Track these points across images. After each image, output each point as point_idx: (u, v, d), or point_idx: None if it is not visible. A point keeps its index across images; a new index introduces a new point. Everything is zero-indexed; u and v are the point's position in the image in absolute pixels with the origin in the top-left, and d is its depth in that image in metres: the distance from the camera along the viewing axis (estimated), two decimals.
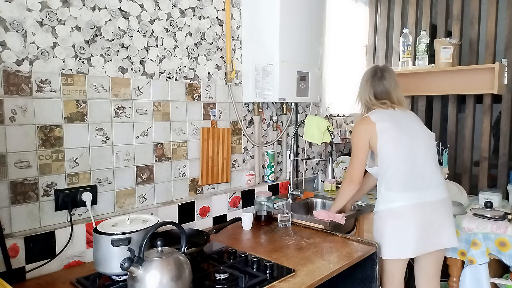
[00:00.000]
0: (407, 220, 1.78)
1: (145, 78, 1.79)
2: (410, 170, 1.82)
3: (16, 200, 1.43)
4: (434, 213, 1.81)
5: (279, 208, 2.20)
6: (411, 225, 1.77)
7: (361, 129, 1.91)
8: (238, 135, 2.25)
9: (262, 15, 2.12)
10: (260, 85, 2.15)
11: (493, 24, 2.64)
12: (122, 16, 1.69)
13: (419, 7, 2.99)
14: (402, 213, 1.79)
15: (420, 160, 1.84)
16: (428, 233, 1.79)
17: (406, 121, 1.92)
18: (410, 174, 1.82)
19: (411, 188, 1.81)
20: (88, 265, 1.53)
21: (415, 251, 1.80)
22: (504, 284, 2.14)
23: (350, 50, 3.19)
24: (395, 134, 1.85)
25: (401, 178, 1.82)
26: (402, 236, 1.79)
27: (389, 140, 1.85)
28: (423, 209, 1.80)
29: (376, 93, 1.97)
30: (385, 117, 1.90)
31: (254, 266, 1.52)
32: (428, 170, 1.85)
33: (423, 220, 1.79)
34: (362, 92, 2.02)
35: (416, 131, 1.90)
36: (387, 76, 1.97)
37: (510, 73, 2.57)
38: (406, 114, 1.97)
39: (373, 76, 1.99)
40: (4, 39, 1.38)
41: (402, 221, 1.79)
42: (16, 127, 1.42)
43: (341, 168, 2.88)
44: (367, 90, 2.00)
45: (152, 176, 1.84)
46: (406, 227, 1.78)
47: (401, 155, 1.83)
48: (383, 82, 1.96)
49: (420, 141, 1.88)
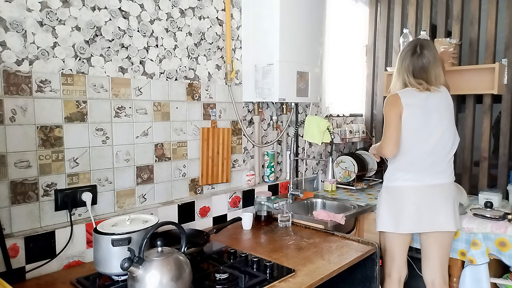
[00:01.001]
0: (404, 198, 1.93)
1: (145, 78, 1.79)
2: (418, 156, 1.93)
3: (16, 200, 1.43)
4: (431, 196, 1.91)
5: (279, 208, 2.20)
6: (407, 203, 1.92)
7: (392, 105, 1.95)
8: (238, 135, 2.25)
9: (262, 15, 2.12)
10: (260, 85, 2.15)
11: (493, 24, 2.64)
12: (122, 16, 1.69)
13: (419, 7, 2.99)
14: (401, 192, 1.94)
15: (430, 147, 1.92)
16: (423, 213, 1.90)
17: (433, 106, 1.93)
18: (417, 159, 1.93)
19: (414, 171, 1.93)
20: (88, 265, 1.53)
21: (407, 228, 1.93)
22: (504, 284, 2.14)
23: (350, 50, 3.19)
24: (416, 122, 1.92)
25: (408, 161, 1.94)
26: (397, 212, 1.93)
27: (409, 128, 1.93)
28: (421, 191, 1.92)
29: (415, 71, 1.96)
30: (414, 102, 1.93)
31: (254, 266, 1.52)
32: (435, 158, 1.93)
33: (419, 200, 1.91)
34: (400, 69, 2.01)
35: (438, 120, 1.93)
36: (426, 54, 1.95)
37: (510, 73, 2.57)
38: (438, 98, 1.95)
39: (412, 54, 1.97)
40: (4, 39, 1.38)
41: (399, 199, 1.94)
42: (16, 127, 1.42)
43: (341, 168, 2.88)
44: (404, 67, 1.99)
45: (152, 176, 1.84)
46: (402, 205, 1.93)
47: (414, 142, 1.93)
48: (422, 60, 1.95)
49: (437, 131, 1.92)
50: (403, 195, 1.94)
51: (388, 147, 1.94)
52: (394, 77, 2.05)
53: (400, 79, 2.02)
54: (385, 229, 1.98)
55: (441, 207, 1.91)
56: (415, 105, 1.92)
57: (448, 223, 1.91)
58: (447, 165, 1.96)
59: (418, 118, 1.92)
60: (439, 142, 1.93)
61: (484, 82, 2.52)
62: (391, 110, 1.94)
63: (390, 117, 1.95)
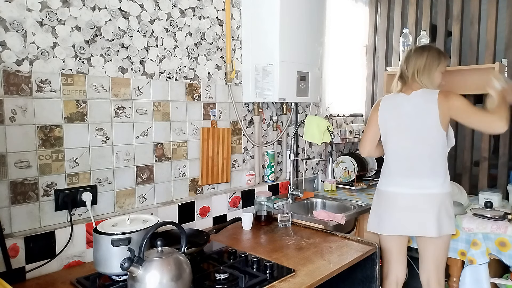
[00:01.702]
0: (387, 203, 1.98)
1: (145, 78, 1.79)
2: (394, 160, 2.00)
3: (16, 200, 1.43)
4: (415, 202, 1.91)
5: (279, 208, 2.20)
6: (391, 207, 1.96)
7: (374, 108, 2.09)
8: (238, 135, 2.25)
9: (262, 15, 2.12)
10: (260, 85, 2.15)
11: (493, 24, 2.64)
12: (122, 16, 1.69)
13: (419, 7, 2.99)
14: (384, 196, 2.01)
15: (404, 152, 1.96)
16: (408, 218, 1.92)
17: (408, 109, 1.94)
18: (393, 163, 2.00)
19: (394, 176, 1.99)
20: (88, 265, 1.53)
21: (388, 230, 1.99)
22: (504, 284, 2.14)
23: (350, 50, 3.19)
24: (388, 125, 2.00)
25: (388, 165, 2.03)
26: (380, 215, 2.01)
27: (384, 132, 2.02)
28: (405, 197, 1.94)
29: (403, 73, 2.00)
30: (390, 105, 2.01)
31: (254, 266, 1.52)
32: (412, 163, 1.94)
33: (403, 206, 1.93)
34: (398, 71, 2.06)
35: (410, 123, 1.93)
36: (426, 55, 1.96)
37: (510, 73, 2.57)
38: (416, 100, 1.93)
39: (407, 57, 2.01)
40: (4, 39, 1.38)
41: (386, 203, 1.99)
42: (16, 127, 1.42)
43: (341, 168, 2.88)
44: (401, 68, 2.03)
45: (152, 176, 1.84)
46: (385, 208, 1.99)
47: (389, 146, 2.01)
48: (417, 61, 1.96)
49: (409, 135, 1.94)
50: (386, 200, 1.99)
51: (361, 146, 2.13)
52: (396, 81, 2.08)
53: (396, 81, 2.07)
54: (370, 229, 2.07)
55: (423, 213, 1.89)
56: (389, 108, 2.01)
57: (429, 228, 1.88)
58: (431, 171, 1.90)
59: (389, 121, 2.00)
60: (414, 146, 1.92)
61: (484, 82, 2.50)
62: (372, 112, 2.09)
63: (369, 118, 2.09)
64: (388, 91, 2.92)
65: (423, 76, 1.94)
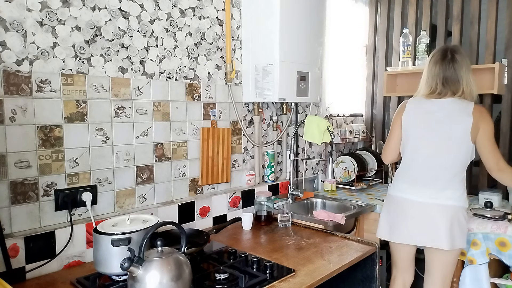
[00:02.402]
0: (400, 210, 1.92)
1: (145, 78, 1.79)
2: (414, 167, 1.90)
3: (16, 200, 1.43)
4: (427, 213, 1.85)
5: (279, 208, 2.20)
6: (402, 215, 1.91)
7: (397, 112, 1.99)
8: (238, 135, 2.25)
9: (262, 15, 2.12)
10: (260, 85, 2.15)
11: (493, 24, 2.63)
12: (122, 16, 1.69)
13: (419, 7, 2.99)
14: (397, 203, 1.93)
15: (426, 160, 1.87)
16: (420, 228, 1.86)
17: (438, 116, 1.83)
18: (413, 171, 1.90)
19: (411, 183, 1.90)
20: (88, 265, 1.54)
21: (400, 238, 1.93)
22: (504, 284, 2.14)
23: (350, 50, 3.19)
24: (414, 130, 1.90)
25: (405, 170, 1.94)
26: (392, 222, 1.94)
27: (407, 136, 1.92)
28: (419, 206, 1.86)
29: (445, 78, 1.86)
30: (418, 109, 1.90)
31: (254, 266, 1.52)
32: (433, 172, 1.85)
33: (415, 214, 1.87)
34: (429, 76, 1.92)
35: (438, 131, 1.83)
36: (457, 58, 1.87)
37: (510, 73, 2.57)
38: (449, 108, 1.83)
39: (443, 59, 1.88)
40: (4, 39, 1.38)
41: (396, 210, 1.93)
42: (16, 127, 1.42)
43: (341, 168, 2.88)
44: (434, 73, 1.89)
45: (152, 176, 1.84)
46: (397, 216, 1.92)
47: (411, 151, 1.91)
48: (454, 65, 1.86)
49: (434, 142, 1.84)
50: (399, 207, 1.92)
51: (384, 154, 2.05)
52: (421, 83, 1.96)
53: (428, 86, 1.91)
54: (381, 236, 2.00)
55: (437, 224, 1.82)
56: (417, 112, 1.89)
57: (441, 241, 1.81)
58: (449, 183, 1.83)
59: (416, 126, 1.89)
60: (435, 155, 1.84)
61: (484, 82, 2.51)
62: (395, 116, 1.99)
63: (393, 123, 2.00)
64: (388, 91, 2.93)
65: (472, 83, 1.87)
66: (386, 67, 3.13)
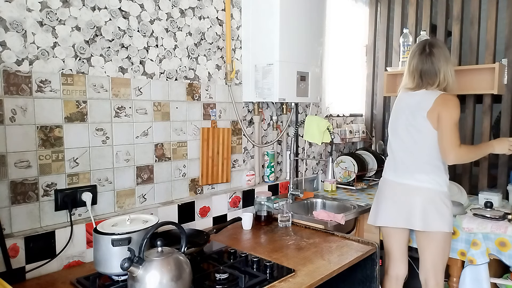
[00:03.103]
0: (382, 193, 2.05)
1: (145, 78, 1.79)
2: (392, 152, 2.06)
3: (16, 200, 1.43)
4: (407, 194, 1.94)
5: (279, 208, 2.20)
6: (383, 197, 2.03)
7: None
8: (238, 135, 2.25)
9: (262, 15, 2.12)
10: (260, 85, 2.15)
11: (493, 24, 2.64)
12: (122, 16, 1.69)
13: (419, 7, 2.99)
14: (381, 186, 2.09)
15: (398, 146, 2.01)
16: (398, 209, 1.96)
17: (407, 106, 1.97)
18: (392, 156, 2.06)
19: (392, 168, 2.05)
20: (88, 265, 1.53)
21: (383, 221, 2.04)
22: (504, 284, 2.14)
23: (350, 50, 3.19)
24: (391, 120, 2.08)
25: (388, 161, 2.10)
26: (377, 206, 2.07)
27: (389, 127, 2.10)
28: (397, 187, 1.99)
29: (423, 71, 1.93)
30: (396, 101, 2.08)
31: (254, 266, 1.52)
32: (406, 157, 1.97)
33: (395, 196, 1.98)
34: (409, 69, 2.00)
35: (405, 120, 1.96)
36: (435, 52, 1.92)
37: (510, 73, 2.57)
38: (418, 98, 1.93)
39: (421, 53, 1.95)
40: (4, 39, 1.38)
41: (380, 193, 2.08)
42: (16, 127, 1.42)
43: (341, 168, 2.88)
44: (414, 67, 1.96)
45: (152, 176, 1.84)
46: (380, 199, 2.05)
47: (390, 139, 2.08)
48: (432, 58, 1.91)
49: (402, 130, 1.98)
50: (382, 190, 2.07)
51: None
52: (403, 77, 2.06)
53: (406, 79, 2.02)
54: (368, 222, 2.12)
55: (410, 205, 1.92)
56: (396, 105, 2.06)
57: (413, 221, 1.91)
58: (420, 168, 1.92)
59: (392, 118, 2.07)
60: (404, 143, 1.97)
61: (484, 82, 2.52)
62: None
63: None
64: (388, 91, 2.93)
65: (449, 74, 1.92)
66: (386, 67, 3.13)
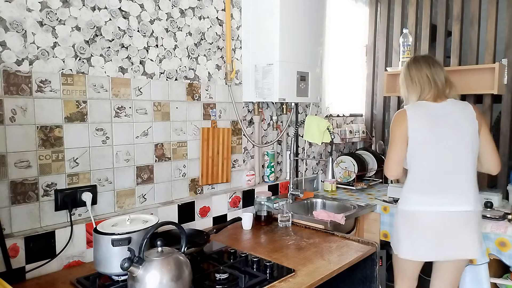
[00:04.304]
0: (424, 225, 1.77)
1: (145, 78, 1.79)
2: (428, 174, 1.78)
3: (16, 200, 1.43)
4: (453, 222, 1.75)
5: (279, 208, 2.20)
6: (424, 230, 1.78)
7: (397, 121, 1.84)
8: (238, 135, 2.25)
9: (262, 15, 2.12)
10: (260, 85, 2.15)
11: (493, 24, 2.64)
12: (122, 16, 1.69)
13: (419, 7, 2.99)
14: (417, 218, 1.79)
15: (449, 167, 1.77)
16: (443, 240, 1.76)
17: (444, 116, 1.79)
18: (428, 178, 1.79)
19: (428, 193, 1.78)
20: (88, 265, 1.53)
21: (427, 256, 1.82)
22: (504, 284, 2.14)
23: (350, 50, 3.19)
24: (421, 134, 1.78)
25: (419, 180, 1.81)
26: (415, 240, 1.80)
27: (415, 141, 1.78)
28: (442, 217, 1.75)
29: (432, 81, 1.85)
30: (422, 112, 1.81)
31: (254, 266, 1.52)
32: (456, 178, 1.77)
33: (440, 227, 1.76)
34: (412, 82, 1.88)
35: (448, 132, 1.77)
36: (438, 64, 1.89)
37: (510, 73, 2.57)
38: (452, 108, 1.82)
39: (426, 64, 1.88)
40: (4, 39, 1.38)
41: (416, 226, 1.79)
42: (16, 127, 1.42)
43: (341, 168, 2.88)
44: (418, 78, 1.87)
45: (152, 176, 1.84)
46: (419, 232, 1.78)
47: (422, 158, 1.79)
48: (438, 68, 1.87)
49: (446, 144, 1.77)
50: (419, 222, 1.78)
51: (388, 168, 1.85)
52: (406, 91, 1.92)
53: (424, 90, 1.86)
54: (405, 256, 1.84)
55: (463, 233, 1.75)
56: (423, 118, 1.80)
57: (471, 250, 1.77)
58: (466, 187, 1.77)
59: (425, 132, 1.78)
60: (450, 160, 1.76)
61: (484, 82, 2.51)
62: (396, 127, 1.83)
63: (393, 134, 1.84)
64: (388, 91, 2.93)
65: (452, 86, 1.88)
66: (386, 67, 3.13)
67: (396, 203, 2.35)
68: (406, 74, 1.93)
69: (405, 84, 1.93)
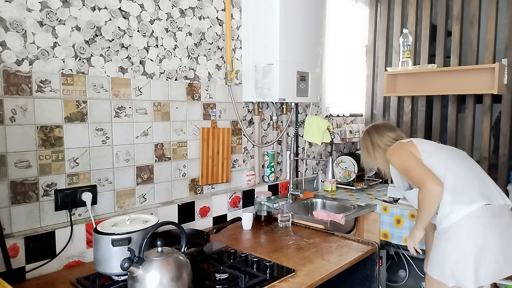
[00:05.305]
0: (481, 228, 1.53)
1: (145, 78, 1.79)
2: (459, 175, 1.65)
3: (16, 200, 1.43)
4: (505, 218, 1.57)
5: (279, 208, 2.20)
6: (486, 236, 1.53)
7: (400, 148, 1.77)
8: (238, 135, 2.25)
9: (262, 15, 2.12)
10: (260, 85, 2.15)
11: (493, 24, 2.63)
12: (122, 16, 1.69)
13: (419, 7, 2.99)
14: (475, 224, 1.54)
15: (462, 165, 1.70)
16: (505, 251, 1.53)
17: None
18: (462, 179, 1.63)
19: (469, 193, 1.59)
20: (88, 265, 1.53)
21: (493, 277, 1.55)
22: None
23: (350, 50, 3.19)
24: (432, 147, 1.77)
25: (452, 184, 1.61)
26: (476, 259, 1.51)
27: (431, 155, 1.70)
28: (494, 211, 1.56)
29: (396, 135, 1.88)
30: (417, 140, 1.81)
31: (254, 266, 1.52)
32: (476, 175, 1.67)
33: (498, 230, 1.54)
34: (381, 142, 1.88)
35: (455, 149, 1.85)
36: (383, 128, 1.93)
37: (510, 73, 2.57)
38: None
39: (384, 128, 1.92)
40: (4, 39, 1.38)
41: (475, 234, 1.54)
42: (16, 127, 1.42)
43: (341, 168, 2.88)
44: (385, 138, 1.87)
45: (152, 176, 1.84)
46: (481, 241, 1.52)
47: (450, 168, 1.66)
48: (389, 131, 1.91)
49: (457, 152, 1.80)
50: (477, 226, 1.53)
51: (430, 185, 1.58)
52: (375, 152, 1.90)
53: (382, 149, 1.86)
54: (465, 286, 1.52)
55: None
56: (425, 141, 1.82)
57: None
58: (493, 183, 1.70)
59: (432, 144, 1.81)
60: (464, 161, 1.73)
61: (484, 82, 2.52)
62: (403, 151, 1.74)
63: (405, 158, 1.71)
64: (388, 91, 2.93)
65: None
66: (386, 67, 3.13)
67: (396, 203, 2.36)
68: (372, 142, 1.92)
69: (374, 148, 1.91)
